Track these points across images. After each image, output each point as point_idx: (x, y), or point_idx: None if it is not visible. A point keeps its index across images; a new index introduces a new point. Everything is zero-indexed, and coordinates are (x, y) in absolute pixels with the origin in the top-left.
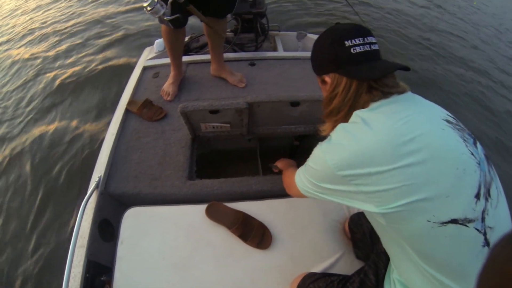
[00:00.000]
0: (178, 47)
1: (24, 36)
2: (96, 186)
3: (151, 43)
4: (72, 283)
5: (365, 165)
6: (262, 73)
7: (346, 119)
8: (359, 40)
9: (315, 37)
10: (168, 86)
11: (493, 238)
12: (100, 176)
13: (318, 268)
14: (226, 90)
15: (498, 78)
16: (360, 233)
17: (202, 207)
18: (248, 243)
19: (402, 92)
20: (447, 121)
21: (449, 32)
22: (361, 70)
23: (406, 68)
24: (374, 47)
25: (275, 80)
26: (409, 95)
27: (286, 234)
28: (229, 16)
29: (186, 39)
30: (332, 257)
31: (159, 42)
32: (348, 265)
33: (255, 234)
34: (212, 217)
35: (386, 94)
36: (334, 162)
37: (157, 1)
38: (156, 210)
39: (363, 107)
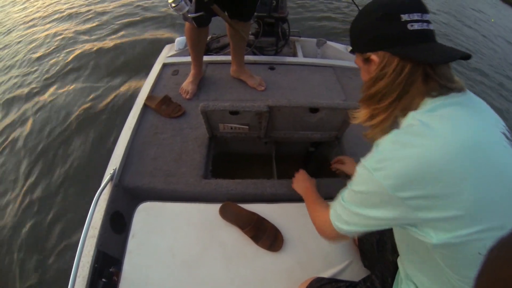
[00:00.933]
0: (200, 46)
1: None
2: (111, 178)
3: (172, 40)
4: (81, 272)
5: (431, 182)
6: (281, 78)
7: (389, 112)
8: (418, 16)
9: (335, 45)
10: (187, 84)
11: None
12: (116, 168)
13: (325, 274)
14: (245, 92)
15: None
16: (368, 243)
17: (216, 206)
18: (260, 245)
19: (460, 89)
20: (505, 135)
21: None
22: (418, 51)
23: (468, 57)
24: (431, 26)
25: (293, 85)
26: (469, 96)
27: (297, 238)
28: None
29: (207, 38)
30: (340, 264)
31: (179, 40)
32: (355, 273)
33: (267, 236)
34: (225, 217)
35: (443, 89)
36: (391, 182)
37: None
38: (169, 206)
39: (413, 101)
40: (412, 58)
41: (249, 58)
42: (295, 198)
